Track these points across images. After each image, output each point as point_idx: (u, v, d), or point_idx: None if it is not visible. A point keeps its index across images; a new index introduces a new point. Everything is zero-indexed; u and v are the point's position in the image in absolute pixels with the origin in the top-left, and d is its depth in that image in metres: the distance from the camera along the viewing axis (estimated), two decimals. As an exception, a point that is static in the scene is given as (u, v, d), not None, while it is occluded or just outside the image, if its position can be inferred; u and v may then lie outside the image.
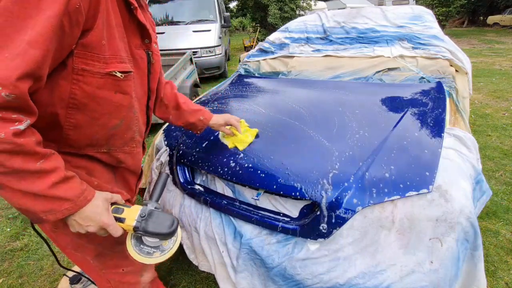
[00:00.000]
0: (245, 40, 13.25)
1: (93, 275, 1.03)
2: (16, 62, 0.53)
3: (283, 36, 2.58)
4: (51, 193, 0.62)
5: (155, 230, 0.75)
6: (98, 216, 0.70)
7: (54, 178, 0.62)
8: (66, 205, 0.65)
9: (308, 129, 1.34)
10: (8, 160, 0.55)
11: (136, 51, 0.81)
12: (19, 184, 0.58)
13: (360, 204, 0.98)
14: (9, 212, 2.46)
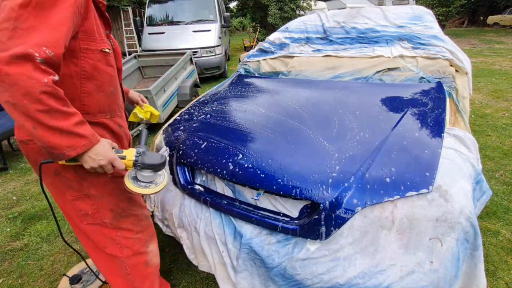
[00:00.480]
0: (245, 40, 13.25)
1: (108, 242, 1.14)
2: (55, 33, 0.78)
3: (283, 36, 2.58)
4: (74, 130, 0.81)
5: (151, 162, 0.95)
6: (107, 152, 0.89)
7: (76, 119, 0.82)
8: (84, 142, 0.84)
9: (308, 129, 1.34)
10: (47, 99, 0.75)
11: (107, 40, 1.06)
12: (51, 121, 0.77)
13: (360, 204, 0.98)
14: (9, 212, 2.46)
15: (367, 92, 1.70)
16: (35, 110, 0.74)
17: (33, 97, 0.73)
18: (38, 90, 0.73)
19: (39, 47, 0.73)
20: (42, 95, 0.74)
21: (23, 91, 0.72)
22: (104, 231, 1.12)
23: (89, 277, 1.52)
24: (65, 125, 0.79)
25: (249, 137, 1.36)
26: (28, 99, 0.73)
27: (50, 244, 2.05)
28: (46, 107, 0.75)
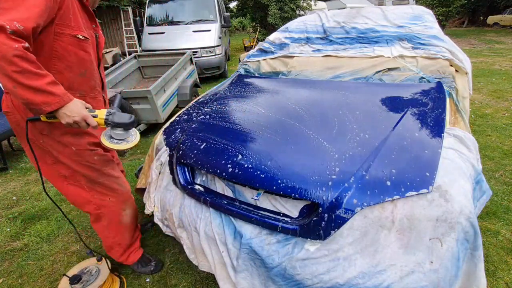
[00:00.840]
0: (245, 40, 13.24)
1: (85, 202, 1.41)
2: (26, 12, 0.94)
3: (283, 36, 2.58)
4: (47, 89, 0.97)
5: (120, 121, 1.11)
6: (79, 110, 1.06)
7: (48, 79, 0.98)
8: (57, 99, 1.00)
9: (308, 129, 1.34)
10: (20, 62, 0.90)
11: (88, 31, 1.24)
12: (26, 81, 0.93)
13: (360, 204, 0.98)
14: (9, 212, 2.46)
15: (367, 92, 1.70)
16: (11, 71, 0.90)
17: (7, 60, 0.89)
18: (11, 53, 0.88)
19: (11, 21, 0.89)
20: (14, 58, 0.90)
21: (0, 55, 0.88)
22: (82, 193, 1.38)
23: (89, 277, 1.52)
24: (38, 84, 0.95)
25: (249, 137, 1.36)
26: (4, 61, 0.89)
27: (50, 244, 2.05)
28: (20, 68, 0.91)
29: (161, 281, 1.70)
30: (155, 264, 1.76)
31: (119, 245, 1.61)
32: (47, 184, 2.88)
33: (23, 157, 3.50)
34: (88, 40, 1.21)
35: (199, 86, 4.78)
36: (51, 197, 1.27)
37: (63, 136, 1.24)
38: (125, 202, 1.54)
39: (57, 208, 2.44)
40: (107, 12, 10.69)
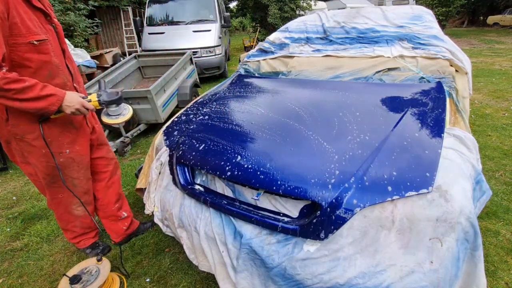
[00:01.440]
0: (245, 40, 13.24)
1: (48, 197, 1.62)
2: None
3: (283, 36, 2.58)
4: (43, 93, 1.16)
5: (110, 98, 1.33)
6: (76, 99, 1.26)
7: (39, 86, 1.16)
8: (55, 98, 1.20)
9: (308, 129, 1.34)
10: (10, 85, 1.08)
11: (46, 25, 1.30)
12: (26, 95, 1.12)
13: (360, 204, 0.98)
14: (9, 212, 2.46)
15: (367, 92, 1.70)
16: (12, 94, 1.09)
17: (2, 89, 1.07)
18: (1, 84, 1.05)
19: None
20: (6, 85, 1.07)
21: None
22: (40, 186, 1.58)
23: (89, 277, 1.52)
24: (35, 94, 1.14)
25: (249, 137, 1.36)
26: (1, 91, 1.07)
27: (50, 244, 2.05)
28: (14, 90, 1.09)
29: (161, 281, 1.70)
30: (102, 249, 1.89)
31: (71, 232, 1.77)
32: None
33: (23, 157, 3.50)
34: (45, 41, 1.25)
35: (199, 86, 4.78)
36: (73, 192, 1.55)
37: (35, 140, 1.35)
38: (74, 201, 1.64)
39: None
40: (107, 12, 10.69)
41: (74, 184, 1.57)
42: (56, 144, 1.41)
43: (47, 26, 1.30)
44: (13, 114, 1.29)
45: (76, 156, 1.51)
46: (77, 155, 1.51)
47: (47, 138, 1.36)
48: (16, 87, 1.09)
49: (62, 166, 1.47)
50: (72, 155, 1.49)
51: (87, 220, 1.76)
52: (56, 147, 1.41)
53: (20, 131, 1.32)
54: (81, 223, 1.75)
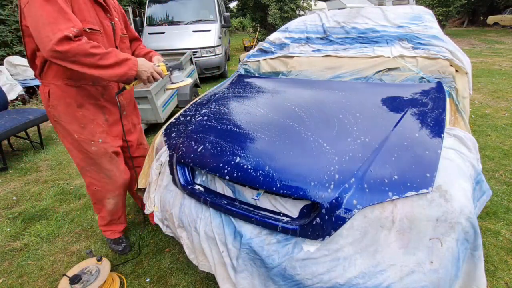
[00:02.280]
0: (245, 40, 13.24)
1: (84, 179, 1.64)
2: (71, 17, 1.16)
3: (283, 36, 2.58)
4: (121, 58, 1.23)
5: (174, 64, 1.48)
6: (148, 63, 1.33)
7: (115, 51, 1.22)
8: (133, 61, 1.26)
9: (308, 129, 1.34)
10: (96, 49, 1.16)
11: (104, 20, 1.38)
12: (108, 60, 1.19)
13: (360, 204, 0.98)
14: (9, 212, 2.46)
15: (367, 92, 1.70)
16: (97, 60, 1.16)
17: (89, 53, 1.14)
18: (87, 48, 1.13)
19: (68, 29, 1.11)
20: (92, 49, 1.14)
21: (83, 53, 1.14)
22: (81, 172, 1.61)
23: (89, 277, 1.52)
24: (114, 59, 1.20)
25: (249, 137, 1.36)
26: (88, 56, 1.14)
27: (50, 244, 2.05)
28: (99, 54, 1.16)
29: (161, 281, 1.70)
30: (124, 247, 1.90)
31: (102, 218, 1.82)
32: (47, 185, 2.88)
33: (23, 157, 3.50)
34: (97, 32, 1.32)
35: (199, 86, 4.78)
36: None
37: (69, 124, 1.40)
38: (110, 193, 1.67)
39: (58, 208, 2.45)
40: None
41: (108, 176, 1.60)
42: (89, 131, 1.44)
43: (105, 21, 1.38)
44: (54, 95, 1.35)
45: (109, 147, 1.53)
46: (110, 146, 1.54)
47: (80, 124, 1.41)
48: (100, 52, 1.15)
49: (95, 155, 1.50)
50: (105, 146, 1.51)
51: (116, 214, 1.82)
52: (89, 134, 1.45)
53: (57, 113, 1.38)
54: (110, 216, 1.80)
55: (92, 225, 2.22)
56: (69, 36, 1.10)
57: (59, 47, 1.09)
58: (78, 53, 1.13)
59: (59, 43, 1.09)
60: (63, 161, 3.39)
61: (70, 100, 1.37)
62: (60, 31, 1.09)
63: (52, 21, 1.10)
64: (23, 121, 3.30)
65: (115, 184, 1.65)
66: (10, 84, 5.55)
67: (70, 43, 1.11)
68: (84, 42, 1.14)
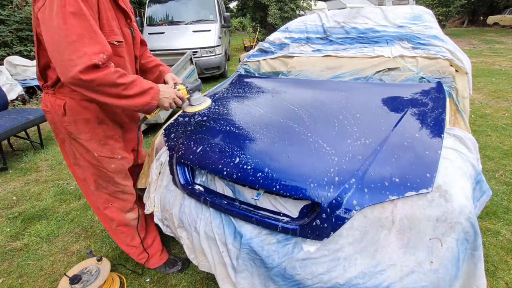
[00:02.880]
0: (245, 40, 13.24)
1: (93, 203, 1.55)
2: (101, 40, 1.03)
3: (283, 36, 2.58)
4: (145, 87, 1.12)
5: (193, 86, 1.36)
6: (169, 89, 1.23)
7: (139, 80, 1.11)
8: (154, 90, 1.15)
9: (308, 129, 1.34)
10: (122, 79, 1.04)
11: (124, 28, 1.24)
12: (132, 90, 1.07)
13: (360, 204, 0.98)
14: (9, 212, 2.46)
15: (367, 92, 1.70)
16: (121, 90, 1.05)
17: (115, 84, 1.03)
18: (114, 78, 1.02)
19: (97, 55, 0.98)
20: (119, 79, 1.03)
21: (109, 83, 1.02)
22: (91, 196, 1.49)
23: (89, 277, 1.52)
24: (139, 88, 1.09)
25: (249, 138, 1.36)
26: (114, 87, 1.03)
27: (50, 244, 2.06)
28: (124, 85, 1.05)
29: (161, 281, 1.70)
30: (182, 263, 1.78)
31: (133, 247, 1.65)
32: (47, 185, 2.88)
33: (23, 157, 3.50)
34: (122, 43, 1.20)
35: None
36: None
37: (89, 142, 1.28)
38: (128, 207, 1.57)
39: (58, 208, 2.45)
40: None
41: (124, 191, 1.52)
42: (109, 148, 1.34)
43: (125, 29, 1.24)
44: (71, 111, 1.21)
45: (126, 164, 1.46)
46: (126, 162, 1.46)
47: (100, 141, 1.30)
48: (126, 81, 1.04)
49: (114, 172, 1.40)
50: (123, 161, 1.43)
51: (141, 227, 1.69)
52: (109, 151, 1.35)
53: (74, 130, 1.24)
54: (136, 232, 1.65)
55: (92, 225, 2.22)
56: (98, 64, 0.96)
57: (84, 76, 0.94)
58: (103, 83, 1.00)
59: (84, 71, 0.94)
60: (63, 161, 3.39)
61: (91, 116, 1.25)
62: (87, 57, 0.94)
63: (77, 40, 0.94)
64: (23, 121, 3.30)
65: (132, 199, 1.58)
66: (10, 84, 5.55)
67: (97, 72, 0.97)
68: (112, 71, 1.01)
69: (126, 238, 1.62)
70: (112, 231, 1.61)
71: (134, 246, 1.65)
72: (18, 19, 6.91)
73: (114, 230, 1.59)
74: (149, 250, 1.70)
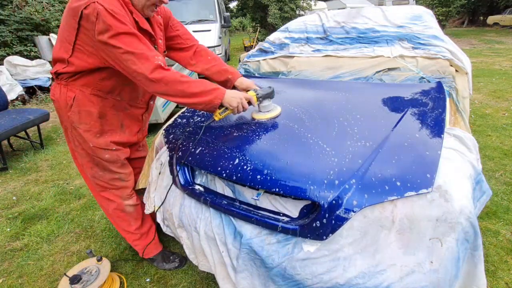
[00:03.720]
0: (245, 40, 13.25)
1: (92, 187, 1.61)
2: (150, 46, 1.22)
3: (283, 36, 2.58)
4: (208, 87, 1.25)
5: (265, 92, 1.42)
6: (237, 93, 1.33)
7: (201, 81, 1.25)
8: (218, 90, 1.27)
9: (308, 129, 1.34)
10: (184, 77, 1.21)
11: None
12: (195, 89, 1.21)
13: (360, 204, 0.98)
14: (9, 212, 2.46)
15: (367, 92, 1.70)
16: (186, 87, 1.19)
17: (179, 81, 1.18)
18: (178, 76, 1.19)
19: (157, 58, 1.17)
20: (181, 78, 1.19)
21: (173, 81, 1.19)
22: (89, 181, 1.57)
23: (89, 277, 1.52)
24: (200, 87, 1.22)
25: (249, 138, 1.36)
26: (179, 84, 1.19)
27: (50, 244, 2.06)
28: (186, 81, 1.20)
29: (161, 281, 1.70)
30: (179, 261, 1.81)
31: (129, 233, 1.71)
32: (47, 185, 2.88)
33: (23, 157, 3.50)
34: None
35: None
36: None
37: (86, 132, 1.39)
38: (126, 195, 1.64)
39: (58, 208, 2.45)
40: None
41: (122, 179, 1.59)
42: (103, 140, 1.43)
43: None
44: (78, 102, 1.33)
45: (121, 154, 1.53)
46: (122, 153, 1.53)
47: (96, 134, 1.40)
48: (188, 80, 1.20)
49: (108, 161, 1.49)
50: (117, 152, 1.51)
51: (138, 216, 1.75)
52: (103, 143, 1.43)
53: (76, 119, 1.35)
54: (134, 220, 1.72)
55: (92, 225, 2.22)
56: (160, 64, 1.15)
57: (154, 75, 1.14)
58: (171, 81, 1.17)
59: (154, 71, 1.14)
60: (63, 161, 3.39)
61: (94, 110, 1.36)
62: (154, 59, 1.14)
63: (142, 49, 1.13)
64: (23, 121, 3.30)
65: (130, 185, 1.65)
66: (10, 84, 5.55)
67: (163, 71, 1.16)
68: (174, 71, 1.18)
69: (122, 223, 1.67)
70: (109, 214, 1.67)
71: (130, 232, 1.71)
72: (18, 19, 6.91)
73: (110, 213, 1.65)
74: (145, 238, 1.75)
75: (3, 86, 5.21)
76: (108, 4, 1.09)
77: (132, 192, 1.66)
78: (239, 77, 1.59)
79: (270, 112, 1.45)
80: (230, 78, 1.58)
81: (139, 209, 1.69)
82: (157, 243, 1.82)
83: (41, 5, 7.36)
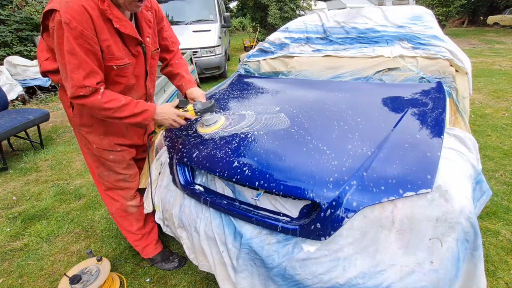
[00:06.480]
0: (245, 40, 13.24)
1: (99, 186, 1.65)
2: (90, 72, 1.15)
3: (283, 36, 2.58)
4: (136, 111, 1.25)
5: (204, 106, 1.38)
6: (169, 111, 1.34)
7: (133, 103, 1.25)
8: (147, 113, 1.28)
9: (308, 129, 1.34)
10: (108, 104, 1.19)
11: (134, 48, 1.30)
12: (123, 113, 1.22)
13: (360, 204, 0.98)
14: (9, 212, 2.46)
15: (367, 92, 1.70)
16: (111, 113, 1.21)
17: (102, 108, 1.19)
18: (100, 105, 1.17)
19: (83, 88, 1.14)
20: (104, 104, 1.17)
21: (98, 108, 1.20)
22: (96, 178, 1.60)
23: (89, 277, 1.52)
24: (129, 111, 1.23)
25: (249, 138, 1.36)
26: (103, 111, 1.20)
27: (50, 244, 2.06)
28: (113, 109, 1.20)
29: (161, 281, 1.70)
30: (179, 261, 1.82)
31: (130, 232, 1.73)
32: (47, 185, 2.88)
33: (23, 157, 3.50)
34: (124, 66, 1.28)
35: (199, 86, 4.77)
36: None
37: (89, 134, 1.42)
38: (130, 196, 1.65)
39: (58, 208, 2.45)
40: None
41: (126, 180, 1.61)
42: (108, 142, 1.46)
43: (135, 49, 1.30)
44: (77, 106, 1.34)
45: (126, 154, 1.54)
46: (127, 153, 1.55)
47: (100, 135, 1.43)
48: (114, 106, 1.20)
49: (113, 162, 1.52)
50: (122, 153, 1.52)
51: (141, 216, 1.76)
52: (108, 145, 1.46)
53: (79, 122, 1.40)
54: (137, 222, 1.74)
55: (92, 225, 2.22)
56: (83, 95, 1.14)
57: (76, 101, 1.16)
58: (93, 108, 1.18)
59: (75, 98, 1.15)
60: (63, 161, 3.39)
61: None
62: (74, 88, 1.12)
63: (72, 72, 1.11)
64: (23, 121, 3.30)
65: (134, 187, 1.66)
66: (10, 84, 5.54)
67: (85, 99, 1.16)
68: (98, 99, 1.16)
69: (124, 222, 1.70)
70: (111, 212, 1.69)
71: (131, 232, 1.72)
72: (18, 19, 6.91)
73: (113, 212, 1.68)
74: (146, 239, 1.76)
75: (3, 86, 5.20)
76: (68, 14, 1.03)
77: (136, 193, 1.67)
78: (192, 87, 1.56)
79: (211, 126, 1.43)
80: (184, 85, 1.58)
81: (142, 210, 1.69)
82: (157, 243, 1.82)
83: (41, 5, 7.36)
